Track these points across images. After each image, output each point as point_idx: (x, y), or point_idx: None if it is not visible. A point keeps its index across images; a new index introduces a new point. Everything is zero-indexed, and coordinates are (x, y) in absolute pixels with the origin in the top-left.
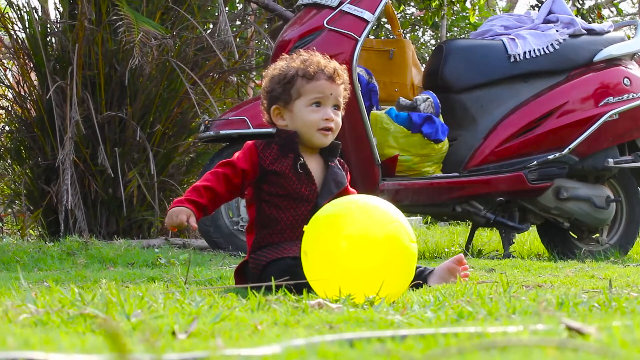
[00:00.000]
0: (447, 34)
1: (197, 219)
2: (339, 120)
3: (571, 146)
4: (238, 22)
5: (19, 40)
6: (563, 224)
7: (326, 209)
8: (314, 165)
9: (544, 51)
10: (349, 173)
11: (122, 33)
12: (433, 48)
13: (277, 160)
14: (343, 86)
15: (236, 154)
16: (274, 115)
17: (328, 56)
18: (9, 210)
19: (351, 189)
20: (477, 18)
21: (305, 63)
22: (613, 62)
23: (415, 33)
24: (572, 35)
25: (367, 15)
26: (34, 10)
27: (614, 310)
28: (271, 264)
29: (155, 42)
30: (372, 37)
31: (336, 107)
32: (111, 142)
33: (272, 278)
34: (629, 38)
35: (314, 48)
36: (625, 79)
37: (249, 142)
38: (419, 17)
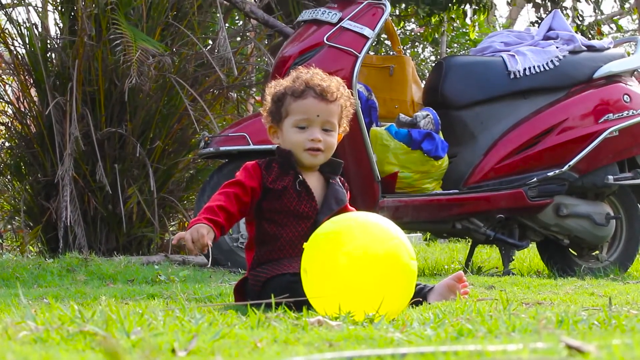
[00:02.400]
0: (447, 50)
1: (216, 237)
2: (331, 139)
3: (571, 163)
4: (238, 39)
5: (19, 56)
6: (563, 241)
7: (326, 226)
8: (314, 182)
9: (544, 68)
10: (349, 192)
11: (120, 52)
12: (433, 64)
13: (278, 179)
14: (340, 103)
15: (239, 174)
16: (270, 134)
17: (328, 74)
18: (9, 226)
19: (350, 207)
20: (477, 34)
21: (297, 81)
22: (613, 78)
23: (415, 49)
24: (572, 52)
25: (367, 31)
26: (34, 26)
27: (613, 328)
28: (271, 280)
29: (153, 60)
30: (372, 53)
31: (326, 128)
32: (111, 158)
33: (272, 295)
34: (628, 55)
35: (314, 64)
36: (625, 96)
37: (250, 162)
38: (419, 34)
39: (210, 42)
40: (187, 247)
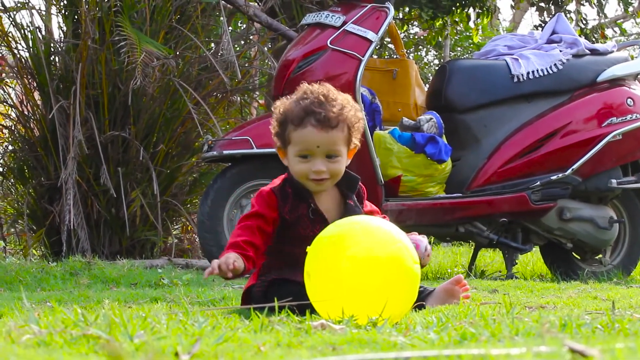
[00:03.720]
0: (450, 53)
1: (246, 269)
2: (336, 166)
3: (574, 167)
4: (241, 42)
5: (23, 60)
6: (566, 245)
7: (329, 230)
8: (329, 202)
9: (547, 71)
10: (365, 194)
11: (125, 54)
12: (436, 68)
13: (293, 209)
14: (344, 126)
15: (257, 205)
16: (280, 155)
17: (335, 90)
18: (12, 230)
19: (372, 207)
20: (481, 38)
21: (298, 106)
22: (616, 82)
23: (419, 53)
24: (575, 56)
25: (370, 35)
26: (37, 30)
27: (617, 332)
28: (277, 284)
29: (157, 62)
30: (375, 57)
31: (330, 155)
32: (114, 161)
33: (275, 299)
34: (632, 58)
35: (317, 68)
36: (629, 99)
37: (265, 190)
38: (422, 37)
39: (214, 45)
40: (218, 274)
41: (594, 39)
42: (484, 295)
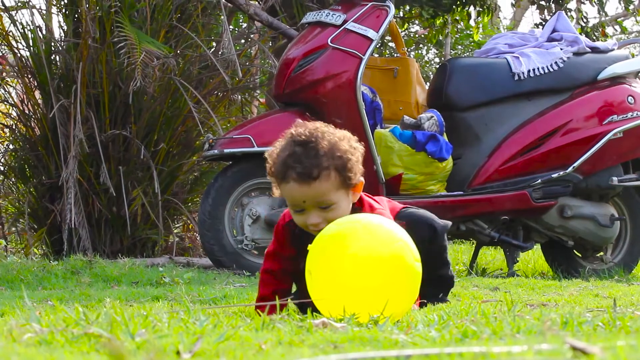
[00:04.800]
0: (451, 52)
1: None
2: (333, 214)
3: (575, 164)
4: (242, 41)
5: (23, 59)
6: (567, 243)
7: (330, 228)
8: None
9: (548, 69)
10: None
11: (125, 54)
12: (437, 66)
13: (302, 245)
14: (330, 173)
15: (274, 239)
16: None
17: (331, 126)
18: (13, 228)
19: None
20: (481, 36)
21: (280, 156)
22: (617, 80)
23: (420, 51)
24: (576, 54)
25: (371, 33)
26: (38, 29)
27: (618, 330)
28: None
29: (157, 62)
30: (376, 55)
31: (323, 207)
32: (115, 160)
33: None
34: (633, 56)
35: (318, 66)
36: (629, 97)
37: (280, 224)
38: (423, 35)
39: (215, 44)
40: None
41: (594, 37)
42: (485, 293)
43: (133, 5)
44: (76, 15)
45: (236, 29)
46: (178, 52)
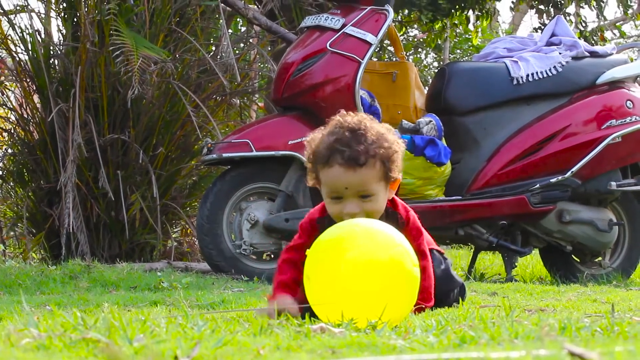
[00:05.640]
0: (449, 56)
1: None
2: (371, 206)
3: (574, 169)
4: (241, 45)
5: (22, 63)
6: (566, 248)
7: (329, 233)
8: None
9: (546, 74)
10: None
11: (121, 62)
12: (436, 70)
13: None
14: (377, 161)
15: (301, 233)
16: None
17: (371, 119)
18: (11, 233)
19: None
20: (480, 40)
21: (326, 141)
22: (616, 84)
23: (418, 55)
24: (575, 58)
25: (370, 37)
26: (36, 33)
27: (616, 335)
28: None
29: (155, 67)
30: (375, 59)
31: (363, 195)
32: (114, 164)
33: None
34: (631, 60)
35: (317, 71)
36: (628, 102)
37: (308, 219)
38: (421, 40)
39: (213, 48)
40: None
41: (593, 42)
42: (483, 298)
43: (130, 10)
44: (75, 19)
45: (235, 32)
46: (177, 56)
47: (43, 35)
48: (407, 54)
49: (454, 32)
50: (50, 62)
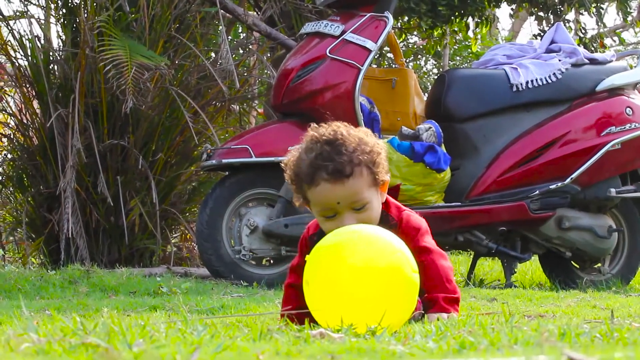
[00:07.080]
0: (449, 63)
1: None
2: (367, 215)
3: (573, 176)
4: (240, 51)
5: (22, 69)
6: (565, 254)
7: (329, 239)
8: None
9: (546, 81)
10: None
11: (113, 77)
12: (435, 77)
13: None
14: (363, 168)
15: (298, 252)
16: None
17: (345, 133)
18: (11, 238)
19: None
20: (480, 47)
21: (306, 159)
22: (615, 91)
23: (418, 62)
24: (574, 65)
25: (369, 44)
26: (36, 39)
27: (615, 341)
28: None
29: (148, 74)
30: (374, 66)
31: (356, 208)
32: (113, 170)
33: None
34: (631, 67)
35: (316, 77)
36: (628, 109)
37: (304, 239)
38: (421, 46)
39: (213, 54)
40: None
41: (593, 48)
42: (482, 304)
43: (124, 17)
44: (74, 25)
45: (235, 39)
46: (176, 62)
47: (43, 41)
48: (407, 60)
49: (454, 39)
50: (50, 67)
